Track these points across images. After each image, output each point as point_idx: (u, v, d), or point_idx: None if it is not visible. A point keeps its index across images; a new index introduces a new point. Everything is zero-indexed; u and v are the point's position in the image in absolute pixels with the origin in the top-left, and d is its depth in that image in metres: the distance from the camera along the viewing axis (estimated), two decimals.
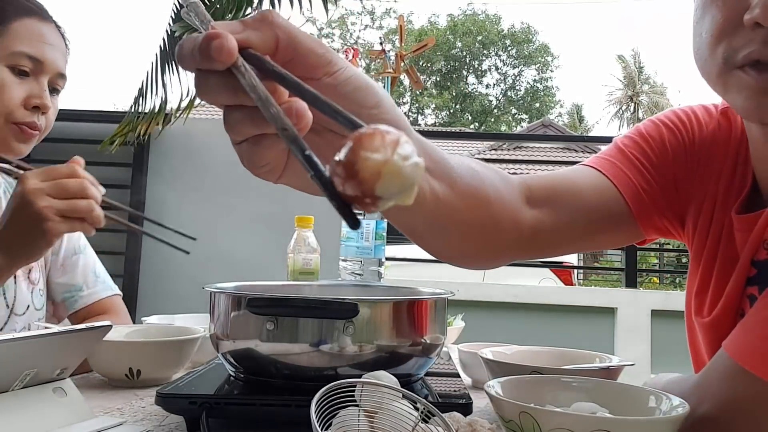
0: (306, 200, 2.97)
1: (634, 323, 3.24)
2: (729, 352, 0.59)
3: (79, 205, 0.85)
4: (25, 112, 0.97)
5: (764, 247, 0.71)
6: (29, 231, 0.84)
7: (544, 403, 0.57)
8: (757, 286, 0.71)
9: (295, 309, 0.70)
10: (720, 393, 0.58)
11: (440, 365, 0.96)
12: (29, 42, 0.97)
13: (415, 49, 3.25)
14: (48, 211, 0.83)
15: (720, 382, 0.59)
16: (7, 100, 0.95)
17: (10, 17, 0.96)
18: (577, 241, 0.81)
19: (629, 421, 0.52)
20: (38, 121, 0.99)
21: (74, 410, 0.66)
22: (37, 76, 0.98)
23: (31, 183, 0.84)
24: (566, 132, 16.96)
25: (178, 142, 3.47)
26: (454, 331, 1.42)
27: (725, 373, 0.59)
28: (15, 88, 0.96)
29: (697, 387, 0.61)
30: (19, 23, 0.97)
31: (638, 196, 0.79)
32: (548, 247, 0.80)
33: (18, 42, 0.96)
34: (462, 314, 1.50)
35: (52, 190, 0.84)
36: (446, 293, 0.81)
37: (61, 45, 1.02)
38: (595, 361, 0.85)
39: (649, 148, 0.81)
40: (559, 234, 0.77)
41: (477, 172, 0.64)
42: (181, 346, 0.91)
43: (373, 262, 1.26)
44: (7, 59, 0.95)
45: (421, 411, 0.52)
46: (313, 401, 0.49)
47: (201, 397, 0.67)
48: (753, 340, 0.58)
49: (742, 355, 0.58)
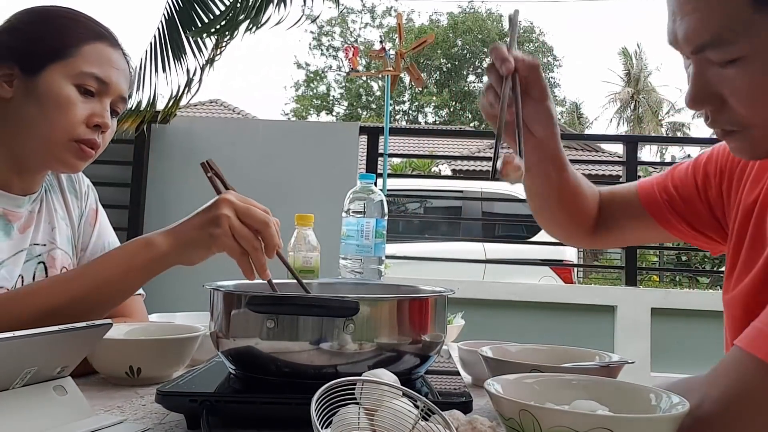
0: (306, 198, 2.98)
1: (633, 321, 3.25)
2: (741, 344, 0.60)
3: (250, 236, 0.89)
4: (86, 130, 1.00)
5: None
6: (201, 229, 0.90)
7: (544, 401, 0.57)
8: None
9: (295, 307, 0.70)
10: (729, 382, 0.59)
11: (440, 363, 0.96)
12: (98, 64, 1.01)
13: (415, 46, 3.25)
14: (225, 220, 0.88)
15: (730, 375, 0.59)
16: (71, 117, 0.99)
17: (83, 41, 1.01)
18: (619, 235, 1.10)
19: (629, 419, 0.52)
20: (98, 139, 1.02)
21: (75, 408, 0.66)
22: (101, 97, 1.02)
23: (229, 195, 0.91)
24: (566, 130, 16.95)
25: (178, 140, 3.47)
26: (454, 329, 1.42)
27: (734, 363, 0.59)
28: (80, 106, 0.99)
29: (706, 382, 0.61)
30: (90, 47, 1.01)
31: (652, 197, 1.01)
32: (603, 238, 1.10)
33: (88, 64, 1.00)
34: (462, 312, 1.50)
35: (240, 209, 0.90)
36: (446, 291, 0.81)
37: (126, 70, 1.07)
38: (595, 359, 0.85)
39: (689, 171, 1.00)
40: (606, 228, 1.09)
41: (579, 178, 1.04)
42: (182, 344, 0.91)
43: (373, 261, 1.26)
44: (75, 78, 0.99)
45: (421, 409, 0.52)
46: (314, 399, 0.49)
47: (201, 395, 0.67)
48: (762, 328, 0.58)
49: (752, 344, 0.58)
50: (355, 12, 24.90)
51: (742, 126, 0.70)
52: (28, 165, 1.03)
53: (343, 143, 3.46)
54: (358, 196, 1.28)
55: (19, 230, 1.04)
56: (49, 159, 1.02)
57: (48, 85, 0.98)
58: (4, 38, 1.00)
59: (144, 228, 3.36)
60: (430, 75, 24.36)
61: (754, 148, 0.72)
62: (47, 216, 1.10)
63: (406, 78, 5.84)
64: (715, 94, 0.70)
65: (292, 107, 25.16)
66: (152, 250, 0.92)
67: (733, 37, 0.65)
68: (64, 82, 0.98)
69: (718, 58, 0.67)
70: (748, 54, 0.66)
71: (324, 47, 24.76)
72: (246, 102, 46.07)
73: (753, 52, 0.65)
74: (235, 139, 3.46)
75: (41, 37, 1.00)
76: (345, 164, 3.41)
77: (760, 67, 0.66)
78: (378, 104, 24.05)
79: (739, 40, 0.65)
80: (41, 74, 0.98)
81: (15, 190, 1.04)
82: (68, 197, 1.16)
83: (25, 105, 0.98)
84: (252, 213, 0.90)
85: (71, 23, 1.02)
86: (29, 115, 0.98)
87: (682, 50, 0.72)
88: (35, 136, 0.99)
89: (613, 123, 25.62)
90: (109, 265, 0.94)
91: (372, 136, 3.60)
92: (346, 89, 24.93)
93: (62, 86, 0.98)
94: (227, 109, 14.58)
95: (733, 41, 0.66)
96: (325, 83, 25.00)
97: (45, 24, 1.01)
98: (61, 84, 0.98)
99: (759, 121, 0.69)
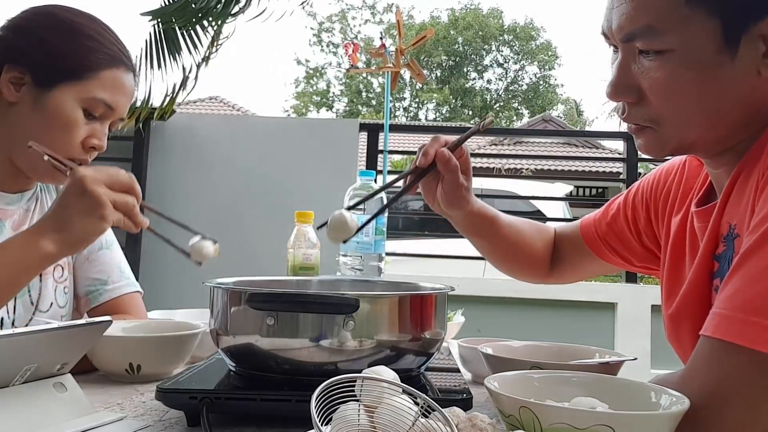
0: (306, 195, 2.98)
1: (634, 318, 3.24)
2: (709, 333, 0.59)
3: (128, 200, 0.88)
4: (81, 151, 1.00)
5: (722, 241, 0.73)
6: (86, 215, 0.86)
7: (544, 398, 0.57)
8: (720, 278, 0.72)
9: (295, 304, 0.70)
10: (709, 374, 0.58)
11: (440, 360, 0.96)
12: (111, 91, 1.00)
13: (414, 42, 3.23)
14: (106, 197, 0.86)
15: (707, 365, 0.59)
16: (73, 139, 0.98)
17: (101, 66, 0.99)
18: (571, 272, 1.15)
19: (629, 416, 0.52)
20: (89, 158, 1.02)
21: (74, 405, 0.66)
22: (103, 120, 1.02)
23: (88, 171, 0.87)
24: (567, 127, 16.92)
25: (177, 137, 3.46)
26: (454, 326, 1.42)
27: (710, 355, 0.59)
28: (82, 128, 0.99)
29: (683, 379, 0.61)
30: (108, 72, 1.00)
31: (590, 235, 1.07)
32: (558, 276, 1.15)
33: (101, 90, 0.99)
34: (462, 309, 1.50)
35: (108, 180, 0.87)
36: (446, 288, 0.81)
37: (132, 92, 1.06)
38: (595, 357, 0.85)
39: (623, 202, 1.04)
40: (560, 266, 1.14)
41: (520, 230, 1.11)
42: (182, 341, 0.91)
43: (373, 258, 1.26)
44: (86, 102, 0.98)
45: (421, 406, 0.52)
46: (313, 396, 0.49)
47: (201, 392, 0.67)
48: (732, 315, 0.58)
49: (723, 331, 0.58)
50: (356, 9, 24.88)
51: (655, 122, 0.73)
52: (18, 168, 1.03)
53: (343, 140, 3.46)
54: (358, 193, 1.28)
55: (12, 228, 1.04)
56: (37, 170, 1.01)
57: (57, 103, 0.96)
58: (21, 41, 0.98)
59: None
60: (431, 72, 24.33)
61: (663, 146, 0.75)
62: (41, 214, 1.09)
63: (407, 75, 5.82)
64: (635, 86, 0.73)
65: (292, 104, 25.14)
66: (39, 252, 0.86)
67: (665, 29, 0.69)
68: (74, 105, 0.97)
69: (647, 47, 0.70)
70: (675, 47, 0.69)
71: (324, 44, 24.73)
72: (246, 99, 46.00)
73: (679, 46, 0.68)
74: (235, 135, 3.45)
75: (63, 54, 0.97)
76: (345, 161, 3.40)
77: (683, 61, 0.69)
78: (378, 101, 24.03)
79: (669, 32, 0.68)
80: (53, 90, 0.96)
81: (6, 188, 1.04)
82: None
83: (30, 115, 0.97)
84: (118, 178, 0.88)
85: (96, 46, 1.00)
86: (31, 126, 0.97)
87: (614, 38, 0.74)
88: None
89: (614, 120, 25.61)
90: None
91: (372, 133, 3.59)
92: (346, 86, 24.90)
93: (72, 109, 0.97)
94: (227, 106, 14.56)
95: (663, 32, 0.69)
96: (325, 80, 24.97)
97: (70, 42, 0.98)
98: (71, 106, 0.97)
99: (671, 116, 0.72)
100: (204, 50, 3.31)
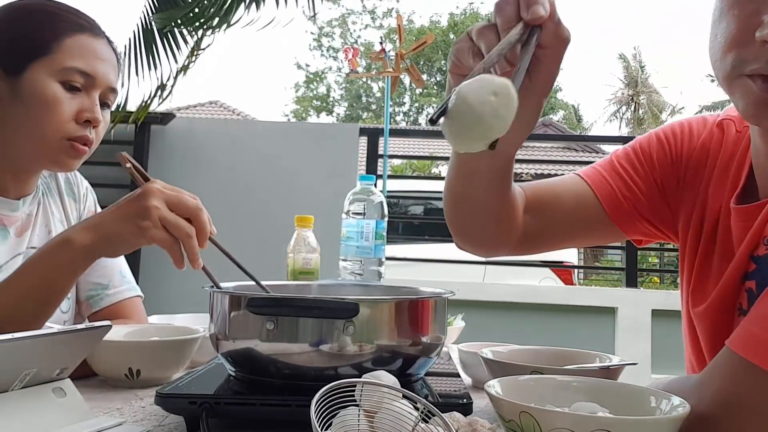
0: (306, 200, 2.98)
1: (634, 323, 3.24)
2: (732, 346, 0.59)
3: (183, 225, 0.84)
4: (77, 127, 0.98)
5: (764, 243, 0.71)
6: (126, 219, 0.84)
7: (545, 403, 0.57)
8: (755, 280, 0.71)
9: (295, 309, 0.70)
10: (723, 387, 0.58)
11: (440, 365, 0.96)
12: (81, 58, 0.97)
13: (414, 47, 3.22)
14: (155, 211, 0.83)
15: (723, 377, 0.59)
16: (59, 115, 0.96)
17: (63, 34, 0.97)
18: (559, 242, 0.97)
19: (629, 421, 0.51)
20: (90, 134, 1.00)
21: (74, 410, 0.66)
22: (88, 91, 0.99)
23: (156, 185, 0.86)
24: (567, 131, 16.96)
25: (177, 141, 3.47)
26: (454, 331, 1.41)
27: (729, 368, 0.59)
28: (67, 103, 0.96)
29: (700, 384, 0.60)
30: (71, 39, 0.98)
31: (617, 202, 0.89)
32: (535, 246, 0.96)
33: (70, 58, 0.97)
34: (462, 314, 1.49)
35: (170, 199, 0.85)
36: (446, 293, 0.81)
37: (112, 59, 1.03)
38: (596, 361, 0.85)
39: (637, 160, 0.90)
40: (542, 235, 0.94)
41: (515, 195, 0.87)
42: (181, 346, 0.91)
43: (373, 262, 1.26)
44: (60, 75, 0.96)
45: (421, 411, 0.52)
46: (313, 401, 0.48)
47: (201, 397, 0.67)
48: (757, 333, 0.58)
49: (746, 348, 0.57)
50: (356, 13, 24.91)
51: None
52: (21, 166, 1.02)
53: (343, 144, 3.46)
54: (358, 198, 1.28)
55: (15, 234, 1.04)
56: (42, 159, 1.00)
57: (32, 84, 0.95)
58: None
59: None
60: (430, 76, 24.35)
61: None
62: (44, 219, 1.09)
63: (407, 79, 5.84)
64: None
65: (292, 108, 25.16)
66: (71, 247, 0.86)
67: None
68: (48, 80, 0.95)
69: None
70: None
71: (324, 48, 24.77)
72: (246, 103, 46.06)
73: None
74: (235, 140, 3.46)
75: (21, 35, 0.97)
76: (345, 165, 3.41)
77: None
78: (378, 105, 24.05)
79: None
80: (24, 74, 0.95)
81: (10, 193, 1.03)
82: (66, 200, 1.15)
83: (13, 107, 0.96)
84: (183, 201, 0.86)
85: (49, 17, 0.98)
86: (17, 116, 0.96)
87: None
88: (26, 138, 0.97)
89: (614, 124, 25.63)
90: (30, 273, 0.87)
91: (372, 137, 3.60)
92: (346, 90, 24.93)
93: (46, 84, 0.95)
94: (227, 110, 14.58)
95: None
96: (325, 84, 25.00)
97: (23, 21, 0.98)
98: (44, 82, 0.95)
99: None
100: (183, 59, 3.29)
